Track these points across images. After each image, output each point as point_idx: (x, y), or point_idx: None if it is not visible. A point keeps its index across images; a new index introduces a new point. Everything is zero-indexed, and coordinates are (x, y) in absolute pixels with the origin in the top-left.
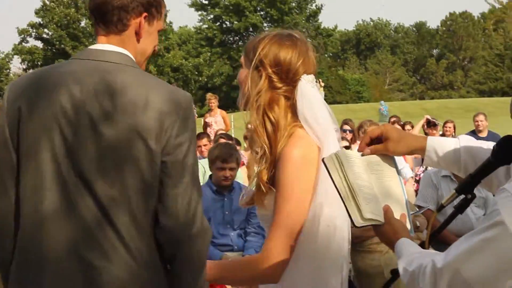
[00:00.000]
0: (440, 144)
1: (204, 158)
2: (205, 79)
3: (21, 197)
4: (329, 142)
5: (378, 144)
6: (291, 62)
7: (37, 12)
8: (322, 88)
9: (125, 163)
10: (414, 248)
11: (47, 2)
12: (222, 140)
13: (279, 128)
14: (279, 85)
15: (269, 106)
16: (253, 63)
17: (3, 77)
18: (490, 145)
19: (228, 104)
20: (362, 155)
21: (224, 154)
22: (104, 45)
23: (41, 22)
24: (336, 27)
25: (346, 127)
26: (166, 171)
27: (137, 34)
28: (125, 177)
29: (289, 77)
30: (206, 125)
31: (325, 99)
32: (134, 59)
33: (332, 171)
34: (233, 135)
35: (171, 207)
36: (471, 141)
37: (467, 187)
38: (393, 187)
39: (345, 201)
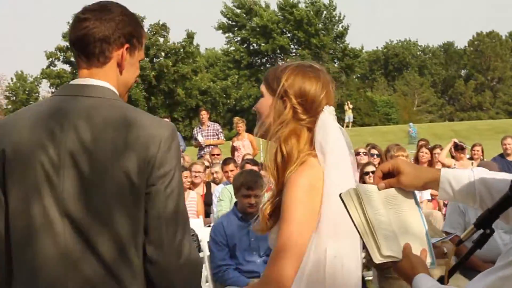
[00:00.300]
0: (454, 177)
1: (230, 183)
2: (233, 102)
3: (12, 240)
4: (340, 173)
5: (391, 178)
6: (316, 94)
7: (64, 36)
8: (350, 110)
9: (110, 198)
10: (431, 283)
11: None
12: (248, 166)
13: (290, 160)
14: (303, 116)
15: (286, 139)
16: (277, 93)
17: (32, 100)
18: (504, 175)
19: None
20: (378, 189)
21: (249, 182)
22: (86, 79)
23: (69, 46)
24: (362, 47)
25: (374, 151)
26: (149, 202)
27: (120, 66)
28: (111, 210)
29: (313, 109)
30: (233, 149)
31: (353, 121)
32: (116, 92)
33: (350, 207)
34: (261, 159)
35: (155, 238)
36: (485, 173)
37: (485, 222)
38: (412, 221)
39: (363, 237)
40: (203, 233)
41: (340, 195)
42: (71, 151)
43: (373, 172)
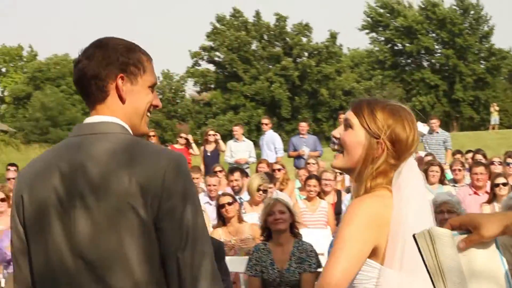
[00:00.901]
0: None
1: None
2: None
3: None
4: (412, 208)
5: (472, 235)
6: (413, 143)
7: (208, 36)
8: (496, 112)
9: (121, 235)
10: None
11: (218, 26)
12: None
13: (367, 192)
14: (393, 161)
15: (374, 178)
16: (373, 133)
17: (178, 99)
18: None
19: None
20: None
21: None
22: (93, 117)
23: (212, 46)
24: (510, 48)
25: (510, 160)
26: (162, 237)
27: (120, 97)
28: (124, 248)
29: (404, 155)
30: None
31: (500, 124)
32: (123, 124)
33: (423, 248)
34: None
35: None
36: None
37: None
38: (488, 265)
39: (433, 278)
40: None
41: (413, 236)
42: (80, 192)
43: (504, 184)
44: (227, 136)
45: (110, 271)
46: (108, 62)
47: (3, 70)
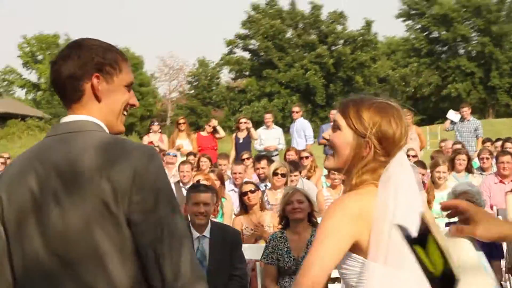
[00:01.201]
0: None
1: None
2: (412, 90)
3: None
4: (398, 203)
5: (466, 226)
6: (400, 138)
7: (243, 24)
8: None
9: (94, 231)
10: None
11: (253, 14)
12: None
13: (355, 187)
14: (383, 158)
15: (361, 174)
16: (360, 132)
17: (213, 86)
18: None
19: (437, 115)
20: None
21: None
22: (69, 116)
23: (248, 34)
24: None
25: None
26: (136, 231)
27: (96, 96)
28: (99, 244)
29: (393, 151)
30: None
31: None
32: (99, 123)
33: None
34: (427, 149)
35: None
36: None
37: None
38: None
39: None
40: None
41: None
42: (54, 191)
43: None
44: (261, 123)
45: (86, 268)
46: (83, 62)
47: (40, 57)
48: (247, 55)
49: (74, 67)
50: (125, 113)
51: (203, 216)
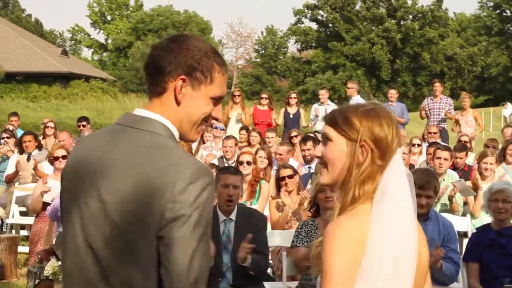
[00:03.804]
0: None
1: None
2: (480, 69)
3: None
4: (388, 225)
5: None
6: (392, 139)
7: None
8: None
9: (127, 236)
10: None
11: None
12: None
13: (354, 202)
14: (380, 162)
15: (362, 182)
16: (354, 138)
17: (281, 55)
18: None
19: (504, 96)
20: None
21: (421, 180)
22: (142, 110)
23: (316, 4)
24: None
25: None
26: (160, 248)
27: (176, 98)
28: (127, 248)
29: (388, 153)
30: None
31: None
32: (169, 125)
33: None
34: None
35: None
36: None
37: None
38: None
39: None
40: None
41: None
42: (99, 187)
43: None
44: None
45: (113, 266)
46: (176, 60)
47: (109, 18)
48: (314, 26)
49: (166, 62)
50: (205, 123)
51: (232, 200)
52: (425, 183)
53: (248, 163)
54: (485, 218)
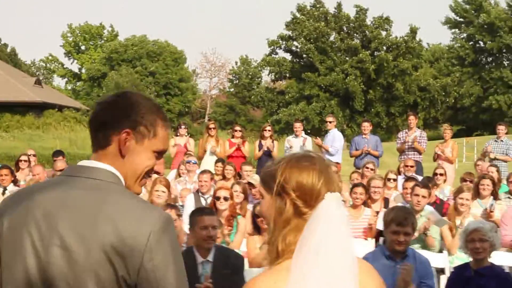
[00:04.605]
0: None
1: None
2: (453, 100)
3: None
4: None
5: None
6: (313, 183)
7: (287, 25)
8: None
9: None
10: None
11: (298, 15)
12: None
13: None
14: (305, 209)
15: (285, 236)
16: (274, 190)
17: (254, 85)
18: None
19: (477, 126)
20: None
21: (399, 217)
22: (90, 161)
23: (291, 35)
24: None
25: None
26: None
27: (120, 151)
28: None
29: (313, 199)
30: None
31: None
32: (118, 174)
33: None
34: (463, 162)
35: None
36: None
37: None
38: None
39: None
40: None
41: None
42: (61, 234)
43: None
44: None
45: None
46: (120, 114)
47: (83, 47)
48: (288, 56)
49: (110, 116)
50: (146, 177)
51: (212, 240)
52: (402, 219)
53: (225, 198)
54: (462, 255)
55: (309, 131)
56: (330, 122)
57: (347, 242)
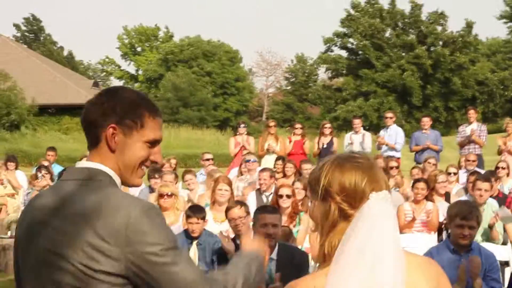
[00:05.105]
0: None
1: None
2: (511, 94)
3: None
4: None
5: None
6: (356, 183)
7: (342, 22)
8: None
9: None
10: None
11: (352, 12)
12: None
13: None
14: (350, 211)
15: (331, 239)
16: (319, 194)
17: (311, 82)
18: None
19: None
20: None
21: (464, 211)
22: (82, 162)
23: (346, 32)
24: None
25: None
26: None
27: (109, 146)
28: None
29: (357, 200)
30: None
31: None
32: (109, 172)
33: None
34: None
35: None
36: None
37: None
38: None
39: None
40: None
41: None
42: (45, 232)
43: None
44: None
45: None
46: (105, 111)
47: (139, 49)
48: (344, 53)
49: (97, 113)
50: (143, 168)
51: (272, 238)
52: (467, 213)
53: (288, 196)
54: None
55: (367, 128)
56: (390, 118)
57: (392, 239)
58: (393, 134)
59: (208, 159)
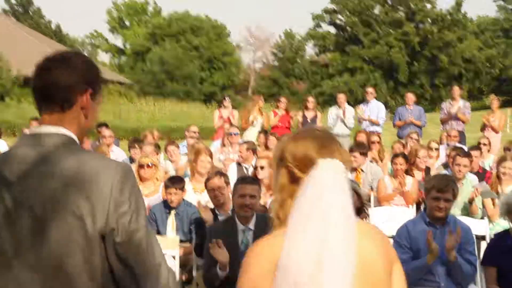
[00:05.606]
0: None
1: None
2: (498, 71)
3: None
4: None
5: None
6: (306, 150)
7: None
8: None
9: (63, 245)
10: None
11: None
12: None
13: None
14: (300, 175)
15: (282, 202)
16: (276, 162)
17: (298, 58)
18: None
19: None
20: None
21: (440, 184)
22: (45, 127)
23: (335, 9)
24: None
25: None
26: (108, 247)
27: (84, 111)
28: (64, 256)
29: (308, 166)
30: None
31: None
32: (74, 137)
33: None
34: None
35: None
36: None
37: None
38: None
39: None
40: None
41: None
42: (30, 204)
43: None
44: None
45: (49, 276)
46: (82, 76)
47: (127, 23)
48: (332, 30)
49: (73, 78)
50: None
51: (249, 209)
52: (443, 186)
53: (262, 167)
54: (503, 222)
55: (352, 104)
56: (370, 92)
57: (340, 204)
58: (375, 109)
59: (194, 132)
